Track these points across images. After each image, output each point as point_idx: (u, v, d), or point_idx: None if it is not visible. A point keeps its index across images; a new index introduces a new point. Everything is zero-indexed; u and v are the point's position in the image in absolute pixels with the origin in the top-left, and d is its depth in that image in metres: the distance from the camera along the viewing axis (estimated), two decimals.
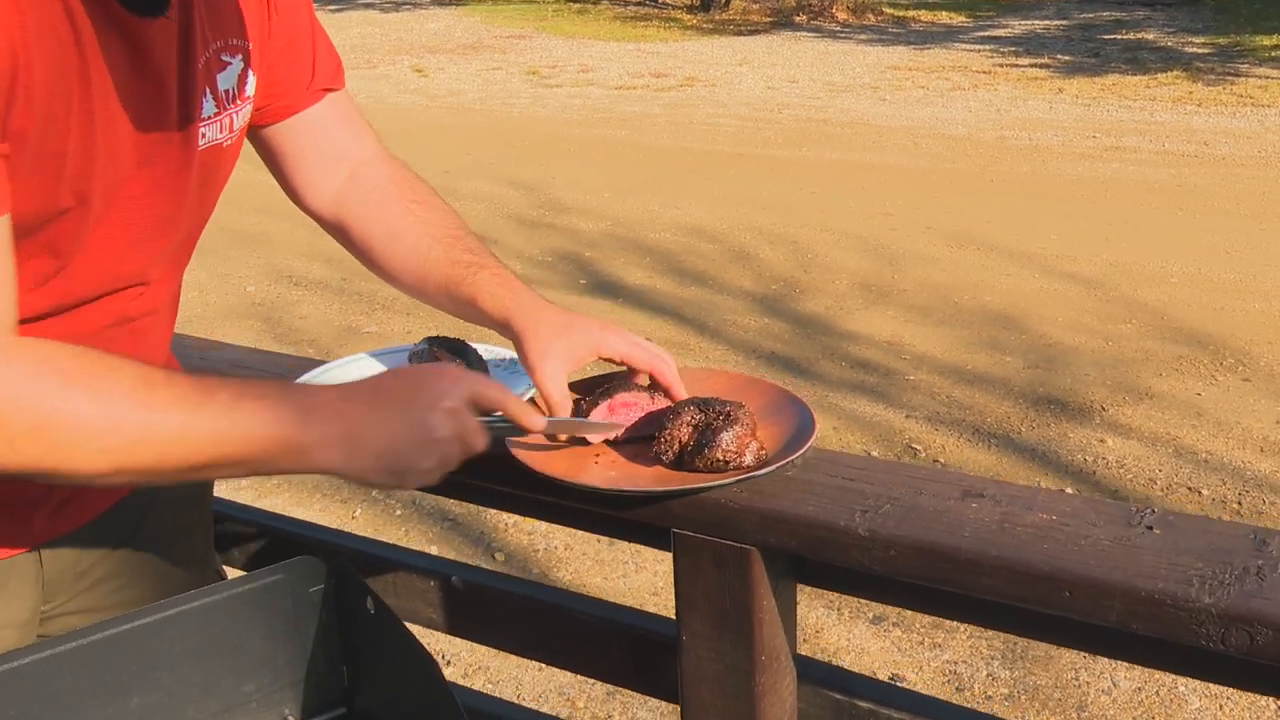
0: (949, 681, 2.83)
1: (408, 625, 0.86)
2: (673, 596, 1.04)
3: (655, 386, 1.09)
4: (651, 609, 3.10)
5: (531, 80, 12.27)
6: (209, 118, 1.01)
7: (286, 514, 3.75)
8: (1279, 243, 5.90)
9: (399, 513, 3.50)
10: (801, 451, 0.98)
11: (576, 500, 1.00)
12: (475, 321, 1.15)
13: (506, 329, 1.10)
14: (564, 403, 1.05)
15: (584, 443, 1.06)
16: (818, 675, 1.07)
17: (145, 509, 1.16)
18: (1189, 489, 3.60)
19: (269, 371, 1.24)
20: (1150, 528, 0.85)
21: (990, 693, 2.78)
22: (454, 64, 13.69)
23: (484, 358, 1.22)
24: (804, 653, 3.10)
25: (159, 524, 1.18)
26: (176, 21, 0.95)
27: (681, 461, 0.99)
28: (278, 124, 1.17)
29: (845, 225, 6.47)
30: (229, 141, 1.06)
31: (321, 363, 1.27)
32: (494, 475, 1.05)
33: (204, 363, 1.27)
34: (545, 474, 0.98)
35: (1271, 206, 6.58)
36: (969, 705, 2.73)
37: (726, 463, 0.96)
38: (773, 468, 0.96)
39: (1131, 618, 0.79)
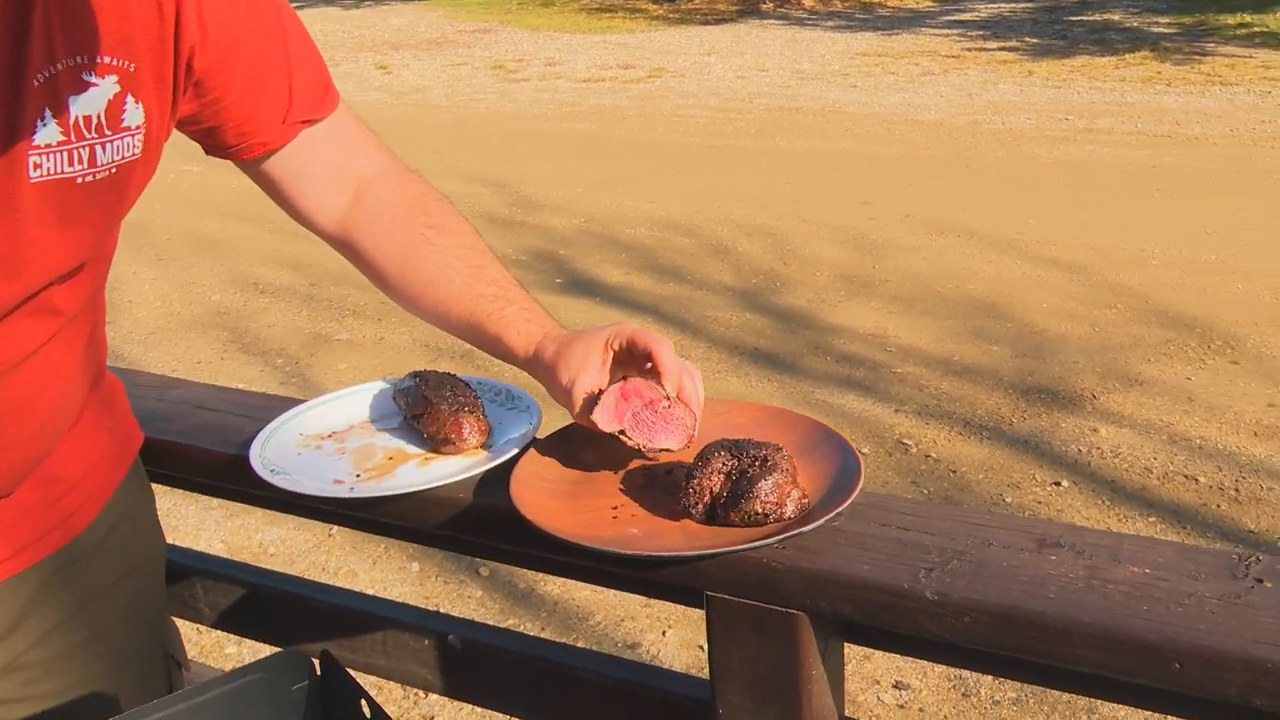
0: (955, 687, 2.75)
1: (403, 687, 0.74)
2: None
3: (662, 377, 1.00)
4: (675, 627, 2.98)
5: (498, 75, 12.10)
6: (46, 146, 0.85)
7: (260, 532, 3.62)
8: (1256, 221, 5.86)
9: None
10: (850, 499, 0.86)
11: (593, 561, 0.88)
12: (501, 358, 1.09)
13: (535, 363, 1.05)
14: (578, 399, 1.00)
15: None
16: None
17: (67, 579, 1.02)
18: (1185, 476, 3.53)
19: (234, 413, 1.11)
20: (1260, 580, 0.74)
21: (998, 697, 2.70)
22: (418, 60, 13.50)
23: (476, 392, 1.10)
24: None
25: (84, 598, 1.04)
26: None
27: (714, 515, 0.87)
28: (259, 160, 1.06)
29: (823, 215, 6.37)
30: (89, 177, 0.89)
31: (298, 401, 1.14)
32: (500, 533, 0.92)
33: (161, 404, 1.14)
34: (556, 535, 0.86)
35: (1246, 184, 6.55)
36: (975, 711, 2.65)
37: (765, 516, 0.84)
38: (819, 521, 0.84)
39: (1254, 692, 0.68)
